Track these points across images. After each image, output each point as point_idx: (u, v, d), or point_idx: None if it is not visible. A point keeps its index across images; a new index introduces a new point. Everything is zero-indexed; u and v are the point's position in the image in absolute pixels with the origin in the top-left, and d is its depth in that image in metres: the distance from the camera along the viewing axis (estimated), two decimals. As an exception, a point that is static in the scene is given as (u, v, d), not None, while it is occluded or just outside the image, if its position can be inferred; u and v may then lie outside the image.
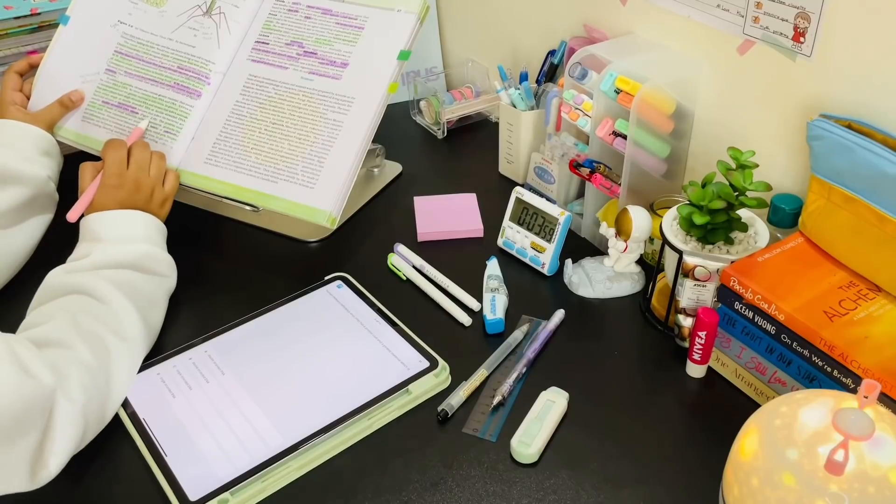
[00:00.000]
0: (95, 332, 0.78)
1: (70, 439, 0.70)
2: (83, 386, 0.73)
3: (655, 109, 0.93)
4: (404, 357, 0.84)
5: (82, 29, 1.10)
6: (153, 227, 0.92)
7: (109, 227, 0.88)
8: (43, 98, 1.05)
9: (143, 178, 0.94)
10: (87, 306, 0.80)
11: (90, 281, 0.82)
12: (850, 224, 0.77)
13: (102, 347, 0.78)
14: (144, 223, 0.91)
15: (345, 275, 0.97)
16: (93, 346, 0.77)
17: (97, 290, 0.81)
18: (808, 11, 0.81)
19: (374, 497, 0.72)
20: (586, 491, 0.72)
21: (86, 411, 0.72)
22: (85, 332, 0.77)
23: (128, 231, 0.89)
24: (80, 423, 0.72)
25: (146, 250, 0.88)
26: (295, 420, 0.77)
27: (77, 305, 0.80)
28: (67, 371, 0.72)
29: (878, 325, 0.72)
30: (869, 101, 0.79)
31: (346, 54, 1.02)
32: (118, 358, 0.79)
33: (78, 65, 1.08)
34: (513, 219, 1.01)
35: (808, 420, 0.58)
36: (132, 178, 0.93)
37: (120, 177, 0.93)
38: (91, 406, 0.74)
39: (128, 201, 0.91)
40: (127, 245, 0.87)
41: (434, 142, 1.30)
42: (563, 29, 1.16)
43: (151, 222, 0.92)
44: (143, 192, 0.93)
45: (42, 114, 1.02)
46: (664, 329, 0.89)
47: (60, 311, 0.78)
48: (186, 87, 1.05)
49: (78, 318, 0.78)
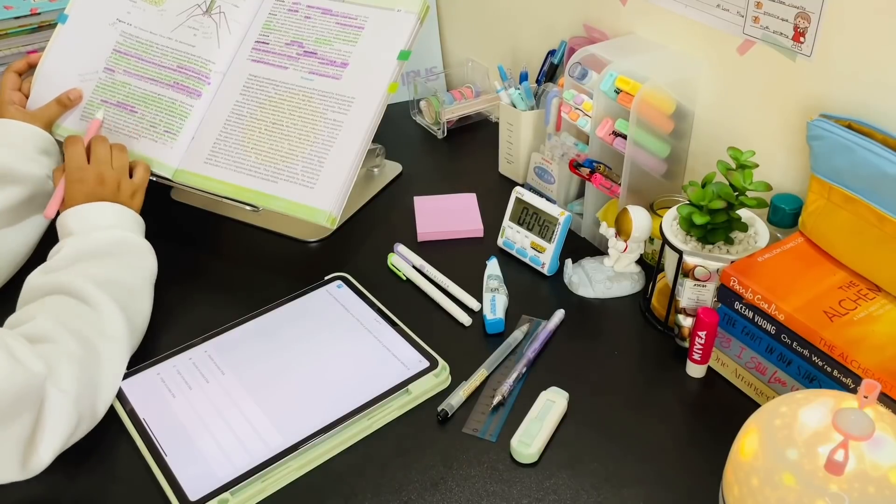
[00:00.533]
0: (80, 328, 0.78)
1: (62, 429, 0.71)
2: (75, 377, 0.73)
3: (655, 109, 0.93)
4: (404, 357, 0.84)
5: (81, 28, 1.09)
6: (125, 217, 0.92)
7: (79, 220, 0.89)
8: (41, 97, 1.05)
9: (105, 170, 0.94)
10: (69, 306, 0.80)
11: (68, 279, 0.82)
12: (850, 224, 0.77)
13: (89, 343, 0.78)
14: (114, 212, 0.91)
15: (345, 275, 0.97)
16: (80, 340, 0.77)
17: (75, 288, 0.81)
18: (808, 11, 0.81)
19: (374, 497, 0.72)
20: (586, 491, 0.72)
21: (78, 403, 0.73)
22: (70, 327, 0.77)
23: (97, 220, 0.90)
24: (73, 413, 0.72)
25: (118, 236, 0.88)
26: (295, 420, 0.77)
27: (58, 305, 0.80)
28: (58, 363, 0.73)
29: (878, 325, 0.72)
30: (869, 101, 0.79)
31: (346, 54, 1.02)
32: (105, 353, 0.79)
33: (76, 63, 1.08)
34: (513, 219, 1.01)
35: (808, 420, 0.58)
36: (94, 172, 0.94)
37: (81, 170, 0.93)
38: (83, 398, 0.74)
39: (94, 194, 0.92)
40: (97, 232, 0.88)
41: (434, 142, 1.30)
42: (563, 29, 1.16)
43: (122, 212, 0.92)
44: (109, 185, 0.94)
45: (40, 113, 1.02)
46: (664, 329, 0.89)
47: (43, 310, 0.79)
48: (186, 86, 1.05)
49: (61, 316, 0.78)
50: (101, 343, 0.79)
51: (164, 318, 0.92)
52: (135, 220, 0.93)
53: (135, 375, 0.83)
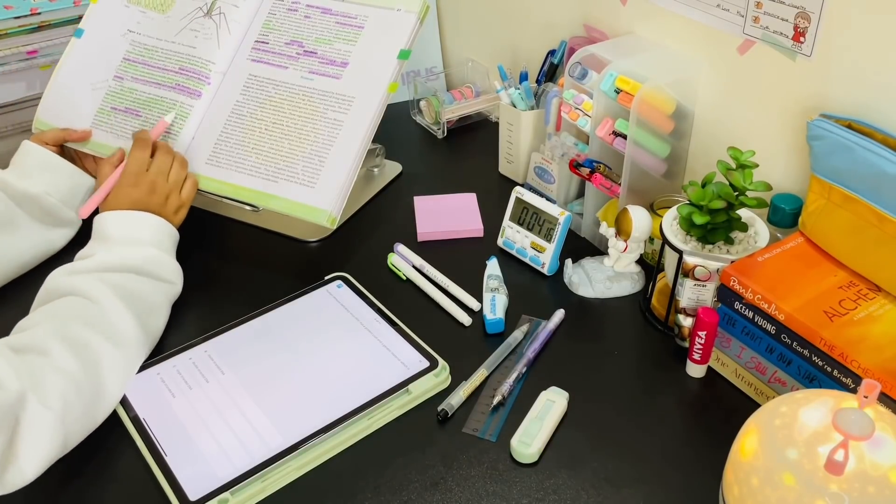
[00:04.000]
0: (85, 337, 0.77)
1: (45, 445, 0.69)
2: (60, 393, 0.71)
3: (655, 109, 0.93)
4: (404, 357, 0.84)
5: (95, 40, 1.11)
6: (164, 232, 0.91)
7: (119, 227, 0.88)
8: (53, 108, 1.07)
9: (160, 181, 0.94)
10: (82, 310, 0.79)
11: (89, 284, 0.81)
12: (850, 224, 0.77)
13: (90, 353, 0.76)
14: (155, 226, 0.90)
15: (345, 274, 0.97)
16: (78, 352, 0.75)
17: (94, 293, 0.80)
18: (808, 11, 0.81)
19: (374, 497, 0.72)
20: (586, 491, 0.72)
21: (65, 419, 0.71)
22: (71, 338, 0.76)
23: (137, 233, 0.89)
24: (59, 429, 0.70)
25: (152, 255, 0.88)
26: (295, 420, 0.77)
27: (70, 310, 0.79)
28: (43, 378, 0.71)
29: (878, 325, 0.72)
30: (869, 101, 0.79)
31: (346, 54, 1.02)
32: (110, 364, 0.78)
33: (89, 74, 1.09)
34: (513, 219, 1.01)
35: (808, 420, 0.58)
36: (149, 180, 0.93)
37: (138, 176, 0.93)
38: (72, 413, 0.72)
39: (141, 203, 0.91)
40: (133, 247, 0.87)
41: (434, 142, 1.30)
42: (563, 29, 1.16)
43: (163, 226, 0.91)
44: (159, 196, 0.93)
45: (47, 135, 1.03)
46: (664, 329, 0.89)
47: (50, 317, 0.78)
48: (187, 87, 1.05)
49: (66, 324, 0.77)
50: (106, 349, 0.78)
51: (164, 318, 0.92)
52: (172, 237, 0.93)
53: (135, 375, 0.83)
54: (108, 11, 1.12)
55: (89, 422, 0.75)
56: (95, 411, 0.76)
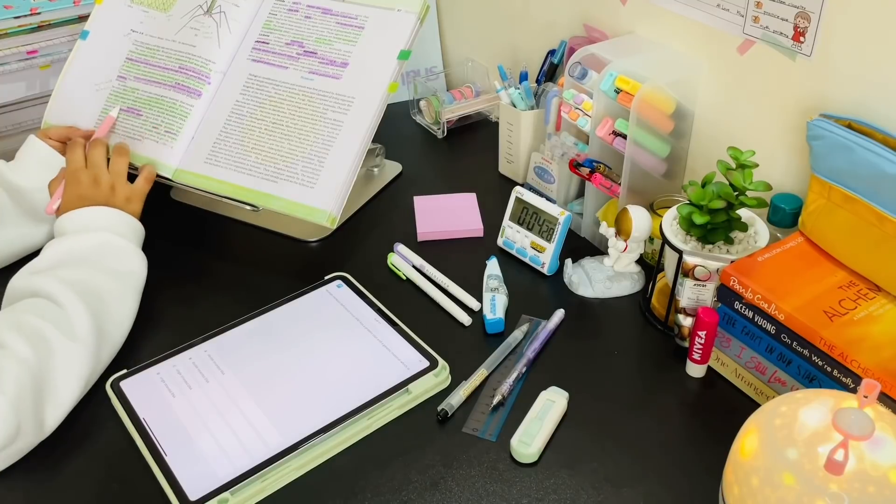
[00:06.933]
0: (40, 330, 0.77)
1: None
2: (14, 378, 0.72)
3: (655, 109, 0.93)
4: (404, 357, 0.84)
5: (100, 42, 1.11)
6: (116, 220, 0.92)
7: (71, 222, 0.90)
8: (59, 109, 1.08)
9: (100, 174, 0.95)
10: (39, 308, 0.80)
11: (43, 282, 0.82)
12: (850, 224, 0.77)
13: (45, 343, 0.77)
14: (106, 216, 0.91)
15: (345, 274, 0.97)
16: (34, 343, 0.76)
17: (51, 291, 0.81)
18: (808, 11, 0.81)
19: (374, 497, 0.72)
20: (586, 491, 0.72)
21: (18, 405, 0.72)
22: (27, 330, 0.76)
23: (88, 224, 0.90)
24: (11, 415, 0.71)
25: (100, 239, 0.89)
26: (295, 420, 0.77)
27: (28, 308, 0.80)
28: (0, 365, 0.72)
29: (878, 324, 0.72)
30: (869, 101, 0.79)
31: (347, 54, 1.02)
32: (62, 353, 0.78)
33: (93, 75, 1.10)
34: (513, 218, 1.01)
35: (808, 420, 0.58)
36: (90, 174, 0.95)
37: (76, 174, 0.95)
38: (24, 400, 0.72)
39: (87, 198, 0.93)
40: (80, 235, 0.88)
41: (434, 141, 1.30)
42: (563, 28, 1.16)
43: (114, 216, 0.92)
44: (103, 187, 0.94)
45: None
46: (664, 329, 0.89)
47: (8, 315, 0.79)
48: (187, 86, 1.05)
49: (23, 318, 0.78)
50: (61, 343, 0.78)
51: (164, 318, 0.92)
52: (128, 224, 0.93)
53: (135, 375, 0.83)
54: (111, 12, 1.12)
55: (40, 416, 0.75)
56: (45, 403, 0.75)
